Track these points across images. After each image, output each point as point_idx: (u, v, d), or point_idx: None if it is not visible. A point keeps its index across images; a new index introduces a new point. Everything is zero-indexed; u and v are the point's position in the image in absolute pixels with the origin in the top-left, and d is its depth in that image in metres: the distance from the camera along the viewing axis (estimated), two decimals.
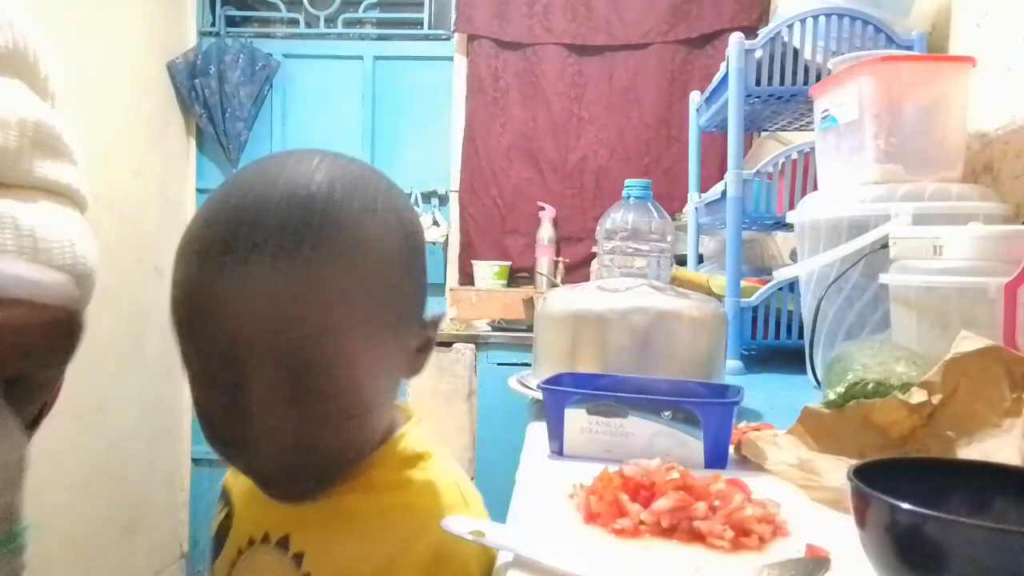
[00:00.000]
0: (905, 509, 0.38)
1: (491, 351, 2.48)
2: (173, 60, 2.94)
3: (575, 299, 0.89)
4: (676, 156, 2.80)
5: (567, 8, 2.89)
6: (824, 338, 1.02)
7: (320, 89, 3.07)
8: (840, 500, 0.57)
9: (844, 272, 0.96)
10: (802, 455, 0.65)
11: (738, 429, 0.77)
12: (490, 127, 2.96)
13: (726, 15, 2.81)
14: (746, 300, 1.30)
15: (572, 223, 2.93)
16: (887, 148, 0.97)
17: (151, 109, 2.85)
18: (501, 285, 2.88)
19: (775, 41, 1.31)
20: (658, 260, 0.97)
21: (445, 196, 3.03)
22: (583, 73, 2.93)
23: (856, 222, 0.96)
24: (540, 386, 0.73)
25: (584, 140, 2.94)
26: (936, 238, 0.77)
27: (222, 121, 2.99)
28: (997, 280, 0.71)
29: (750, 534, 0.50)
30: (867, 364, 0.74)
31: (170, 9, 2.93)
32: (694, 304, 0.88)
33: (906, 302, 0.82)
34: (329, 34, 3.07)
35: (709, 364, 0.89)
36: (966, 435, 0.61)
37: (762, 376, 1.24)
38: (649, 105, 2.89)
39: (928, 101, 0.98)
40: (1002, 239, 0.73)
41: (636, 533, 0.52)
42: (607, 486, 0.55)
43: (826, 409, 0.67)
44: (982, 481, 0.46)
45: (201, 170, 3.11)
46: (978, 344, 0.62)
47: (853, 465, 0.45)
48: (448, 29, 3.01)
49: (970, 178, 1.17)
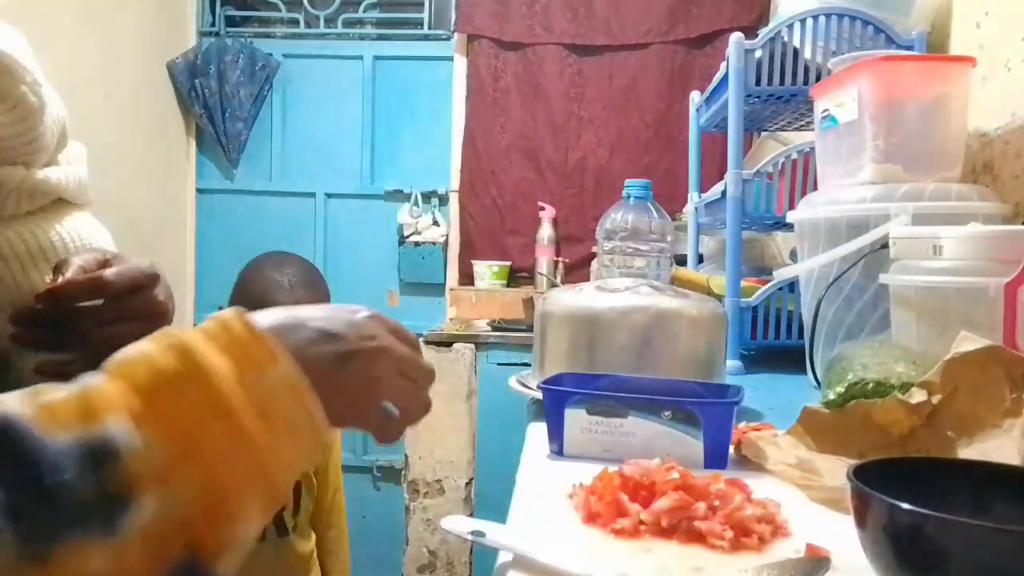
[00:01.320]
0: (905, 509, 0.38)
1: (491, 351, 2.48)
2: (173, 60, 2.94)
3: (575, 299, 0.89)
4: (676, 156, 2.80)
5: (567, 8, 2.89)
6: (824, 338, 1.02)
7: (320, 89, 3.07)
8: (840, 500, 0.57)
9: (844, 272, 0.96)
10: (802, 455, 0.65)
11: (738, 429, 0.77)
12: (490, 127, 2.95)
13: (726, 15, 2.81)
14: (746, 300, 1.30)
15: (572, 223, 2.93)
16: (887, 148, 0.97)
17: (151, 109, 2.85)
18: (501, 285, 2.87)
19: (775, 41, 1.31)
20: (658, 260, 0.97)
21: (445, 196, 3.03)
22: (583, 73, 2.93)
23: (856, 222, 0.96)
24: (540, 386, 0.73)
25: (584, 140, 2.93)
26: (936, 238, 0.77)
27: (222, 121, 2.99)
28: (997, 280, 0.71)
29: (750, 534, 0.50)
30: (867, 364, 0.74)
31: (170, 9, 2.93)
32: (694, 304, 0.88)
33: (906, 302, 0.82)
34: (329, 34, 3.07)
35: (709, 364, 0.89)
36: (966, 435, 0.61)
37: (762, 376, 1.24)
38: (649, 105, 2.89)
39: (928, 101, 0.98)
40: (1002, 239, 0.73)
41: (636, 533, 0.52)
42: (607, 486, 0.55)
43: (826, 409, 0.67)
44: (982, 481, 0.46)
45: (201, 170, 3.11)
46: (978, 344, 0.62)
47: (853, 465, 0.45)
48: (448, 29, 3.01)
49: (969, 178, 1.17)
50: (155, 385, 0.37)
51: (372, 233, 3.05)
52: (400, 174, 3.06)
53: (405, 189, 3.02)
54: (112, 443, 0.35)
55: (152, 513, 0.35)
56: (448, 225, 3.01)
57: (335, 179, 3.07)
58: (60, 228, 0.71)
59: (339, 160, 3.07)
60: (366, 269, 3.05)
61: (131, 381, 0.37)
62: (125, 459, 0.35)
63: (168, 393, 0.37)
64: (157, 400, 0.37)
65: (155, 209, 2.87)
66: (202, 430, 0.37)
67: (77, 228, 0.73)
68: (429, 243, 2.96)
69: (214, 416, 0.37)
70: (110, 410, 0.36)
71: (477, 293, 2.84)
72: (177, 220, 3.03)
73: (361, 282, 3.03)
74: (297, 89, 3.08)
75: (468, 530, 0.51)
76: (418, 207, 3.00)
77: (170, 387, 0.37)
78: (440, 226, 2.99)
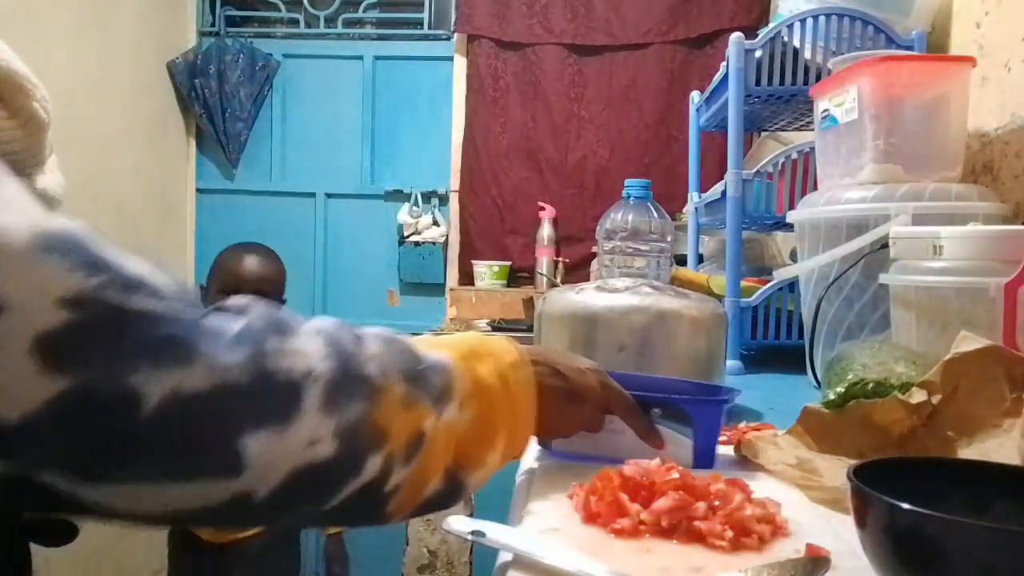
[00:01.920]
0: (905, 509, 0.38)
1: None
2: (173, 60, 2.94)
3: (575, 299, 0.88)
4: (676, 156, 2.80)
5: (567, 8, 2.89)
6: (824, 338, 1.02)
7: (320, 89, 3.07)
8: (840, 500, 0.57)
9: (844, 272, 0.96)
10: (802, 455, 0.65)
11: (738, 429, 0.77)
12: (490, 127, 2.95)
13: (726, 15, 2.81)
14: (746, 300, 1.30)
15: (572, 223, 2.93)
16: (887, 148, 0.97)
17: (151, 109, 2.85)
18: (501, 285, 2.87)
19: (775, 41, 1.31)
20: (658, 260, 0.97)
21: (445, 196, 3.03)
22: (583, 73, 2.93)
23: (856, 222, 0.96)
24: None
25: (584, 140, 2.94)
26: (936, 238, 0.77)
27: (222, 121, 2.99)
28: (997, 280, 0.71)
29: (750, 534, 0.50)
30: (867, 364, 0.74)
31: (170, 9, 2.93)
32: (694, 304, 0.88)
33: (906, 302, 0.82)
34: (329, 34, 3.07)
35: (709, 364, 0.89)
36: (966, 435, 0.61)
37: (762, 376, 1.24)
38: (649, 105, 2.89)
39: (928, 101, 0.98)
40: (1002, 239, 0.73)
41: (636, 533, 0.52)
42: (607, 486, 0.55)
43: (826, 409, 0.67)
44: (982, 481, 0.46)
45: (201, 170, 3.11)
46: (978, 344, 0.62)
47: (853, 465, 0.45)
48: (448, 29, 3.01)
49: (970, 178, 1.17)
50: (471, 350, 0.55)
51: (372, 233, 3.05)
52: (400, 174, 3.06)
53: (405, 189, 3.02)
54: (446, 365, 0.52)
55: (455, 415, 0.51)
56: (448, 225, 3.02)
57: (335, 179, 3.07)
58: None
59: (339, 160, 3.07)
60: (366, 269, 3.05)
61: (454, 348, 0.55)
62: (451, 375, 0.52)
63: (476, 358, 0.55)
64: (469, 357, 0.55)
65: (155, 209, 2.87)
66: (489, 382, 0.54)
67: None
68: (429, 243, 2.96)
69: (498, 379, 0.55)
70: (444, 349, 0.54)
71: (477, 293, 2.84)
72: (177, 220, 3.03)
73: (361, 282, 3.03)
74: (297, 89, 3.08)
75: (468, 530, 0.51)
76: (418, 207, 3.00)
77: (476, 355, 0.55)
78: (440, 226, 2.99)
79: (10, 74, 0.64)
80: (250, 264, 1.78)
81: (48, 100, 0.67)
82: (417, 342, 0.53)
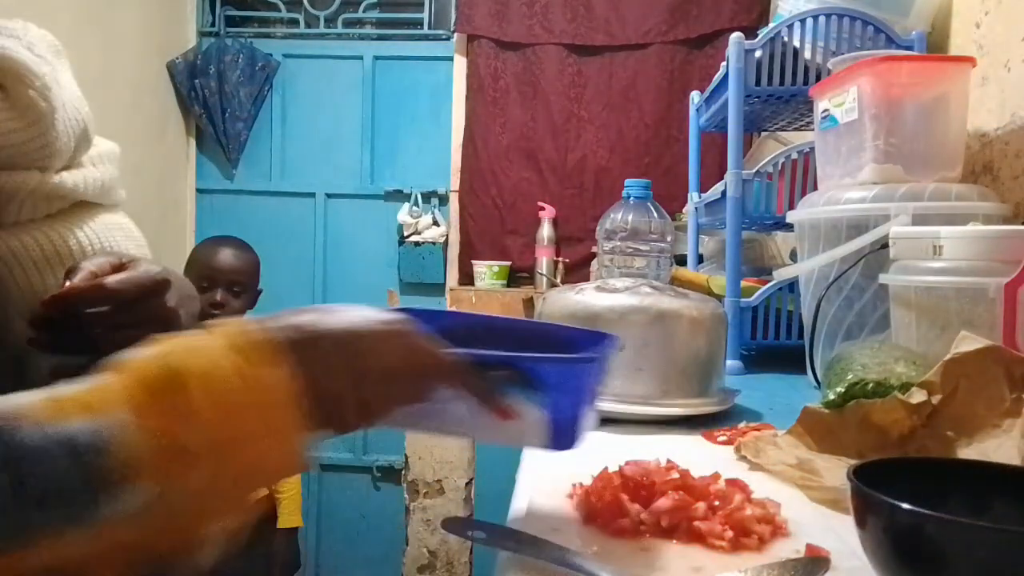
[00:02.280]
0: (905, 509, 0.38)
1: None
2: (173, 60, 2.94)
3: (575, 299, 0.89)
4: (676, 156, 2.80)
5: (567, 8, 2.89)
6: (824, 338, 1.02)
7: (320, 89, 3.07)
8: (840, 500, 0.57)
9: (844, 272, 0.96)
10: (802, 455, 0.65)
11: (738, 429, 0.77)
12: (490, 127, 2.95)
13: (726, 15, 2.81)
14: (746, 300, 1.30)
15: (572, 223, 2.93)
16: (886, 148, 0.97)
17: (151, 109, 2.85)
18: (501, 285, 2.87)
19: (775, 41, 1.31)
20: (658, 260, 0.97)
21: (445, 196, 3.03)
22: (583, 73, 2.93)
23: (856, 222, 0.96)
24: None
25: (584, 140, 2.93)
26: (936, 238, 0.77)
27: (222, 121, 2.98)
28: (997, 280, 0.71)
29: (750, 534, 0.50)
30: (867, 364, 0.74)
31: (170, 9, 2.93)
32: (694, 304, 0.88)
33: (906, 302, 0.82)
34: (329, 34, 3.07)
35: (709, 364, 0.89)
36: (966, 435, 0.61)
37: (762, 376, 1.24)
38: (649, 105, 2.89)
39: (928, 101, 0.98)
40: (1002, 239, 0.73)
41: (636, 533, 0.52)
42: (607, 486, 0.55)
43: (826, 409, 0.67)
44: (982, 481, 0.46)
45: (201, 170, 3.11)
46: (978, 344, 0.62)
47: (853, 465, 0.45)
48: (448, 29, 3.01)
49: (969, 178, 1.17)
50: (158, 383, 0.39)
51: (372, 233, 3.05)
52: (400, 174, 3.05)
53: (405, 189, 3.02)
54: (105, 434, 0.36)
55: (140, 504, 0.36)
56: (448, 225, 3.01)
57: (335, 179, 3.07)
58: (81, 231, 0.71)
59: (339, 160, 3.07)
60: (366, 269, 3.05)
61: (138, 376, 0.39)
62: (117, 450, 0.36)
63: (170, 392, 0.39)
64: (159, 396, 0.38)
65: (155, 209, 2.86)
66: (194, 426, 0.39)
67: (100, 230, 0.73)
68: (429, 243, 2.96)
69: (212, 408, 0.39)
70: (115, 403, 0.37)
71: (477, 293, 2.84)
72: (177, 220, 3.02)
73: (361, 282, 3.03)
74: (297, 89, 3.08)
75: (468, 530, 0.51)
76: (418, 207, 3.00)
77: (172, 387, 0.39)
78: (440, 226, 2.99)
79: (6, 61, 0.63)
80: (224, 257, 1.84)
81: (49, 89, 0.67)
82: (45, 406, 0.36)
